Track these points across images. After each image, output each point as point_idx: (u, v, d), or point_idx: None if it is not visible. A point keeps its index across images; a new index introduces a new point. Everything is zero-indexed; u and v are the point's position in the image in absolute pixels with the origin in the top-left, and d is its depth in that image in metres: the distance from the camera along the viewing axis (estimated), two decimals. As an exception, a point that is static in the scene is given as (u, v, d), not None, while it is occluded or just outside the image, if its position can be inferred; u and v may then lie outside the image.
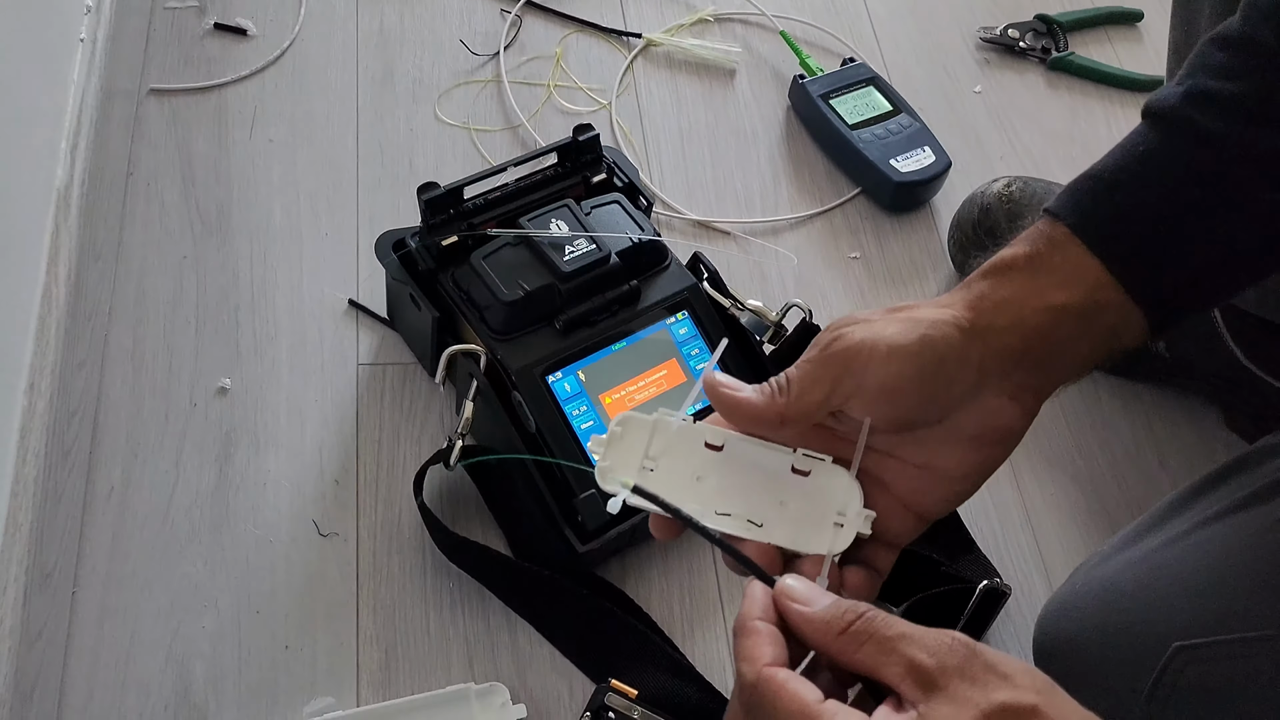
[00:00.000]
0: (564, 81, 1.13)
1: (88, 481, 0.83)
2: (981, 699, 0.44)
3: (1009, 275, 0.55)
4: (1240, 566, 0.63)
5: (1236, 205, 0.56)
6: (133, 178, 0.99)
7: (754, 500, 0.55)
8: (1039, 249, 0.56)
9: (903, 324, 0.54)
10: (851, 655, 0.47)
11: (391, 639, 0.79)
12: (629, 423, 0.57)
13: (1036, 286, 0.55)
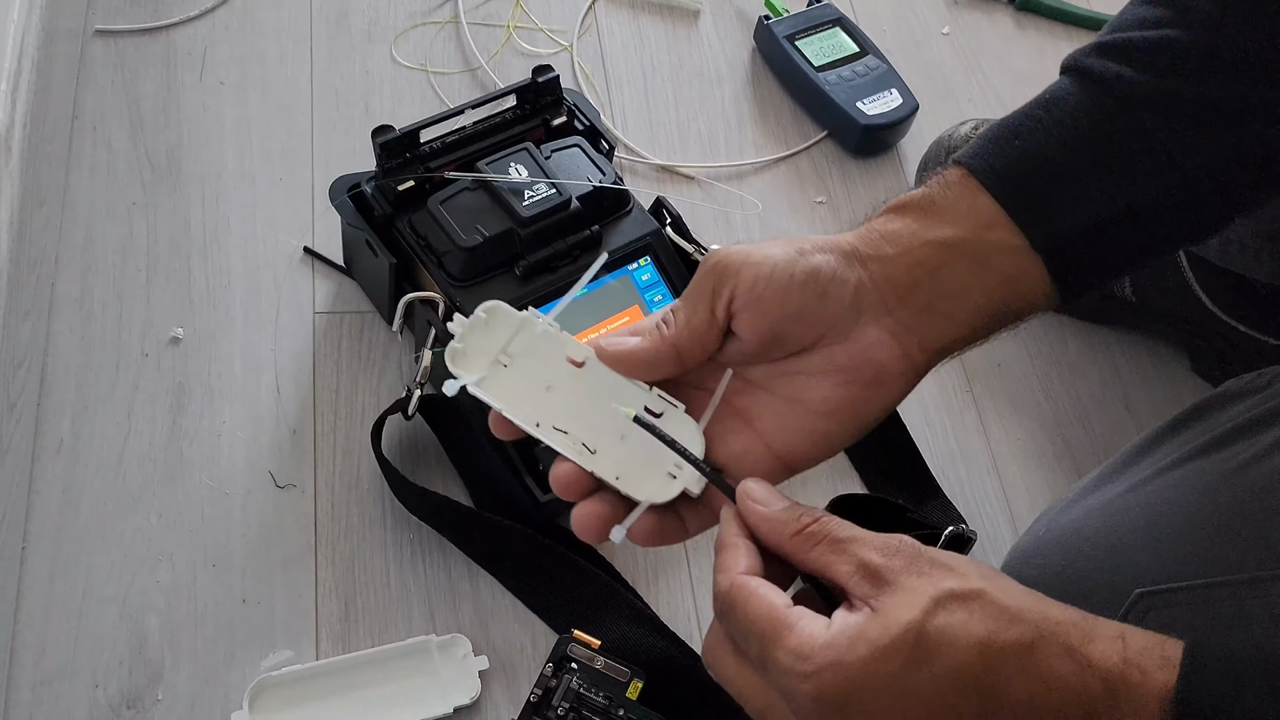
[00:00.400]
0: (524, 23, 1.10)
1: (36, 434, 0.81)
2: (930, 588, 0.46)
3: (902, 212, 0.55)
4: (1202, 512, 0.63)
5: (1146, 152, 0.55)
6: (78, 121, 0.96)
7: (596, 426, 0.55)
8: (932, 189, 0.55)
9: (784, 245, 0.53)
10: (805, 555, 0.49)
11: (351, 591, 0.78)
12: (496, 313, 0.57)
13: (927, 222, 0.54)
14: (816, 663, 0.45)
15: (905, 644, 0.45)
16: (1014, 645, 0.45)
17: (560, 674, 0.72)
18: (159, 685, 0.73)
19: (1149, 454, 0.69)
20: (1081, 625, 0.47)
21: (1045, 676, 0.45)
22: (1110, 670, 0.45)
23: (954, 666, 0.45)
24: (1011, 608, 0.46)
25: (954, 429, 0.93)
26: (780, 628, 0.47)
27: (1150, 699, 0.45)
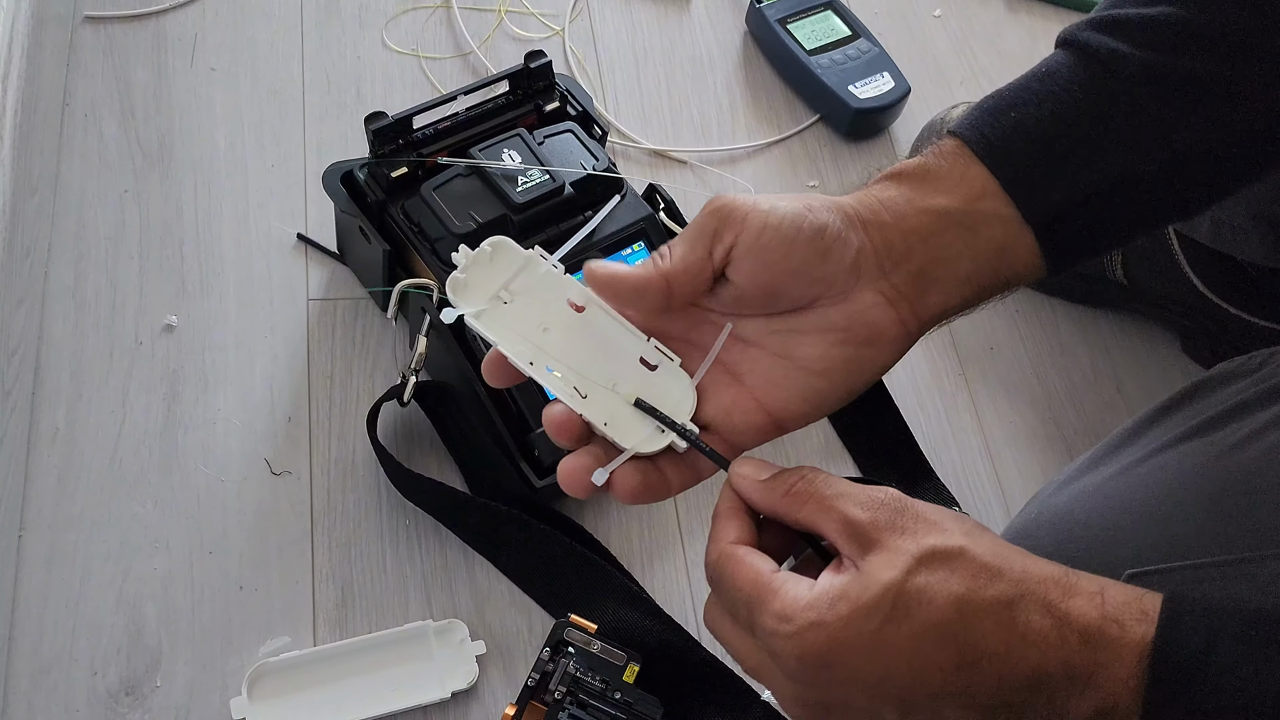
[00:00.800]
0: (515, 6, 1.10)
1: (31, 423, 0.81)
2: (912, 546, 0.47)
3: (898, 180, 0.55)
4: (1192, 493, 0.63)
5: (1137, 127, 0.55)
6: (69, 108, 0.96)
7: (589, 371, 0.55)
8: (927, 158, 0.55)
9: (792, 199, 0.53)
10: (796, 514, 0.50)
11: (348, 577, 0.79)
12: (501, 248, 0.57)
13: (922, 190, 0.54)
14: (798, 623, 0.47)
15: (885, 602, 0.46)
16: (993, 601, 0.47)
17: (557, 658, 0.73)
18: (157, 672, 0.74)
19: (1141, 436, 0.70)
20: (1063, 581, 0.48)
21: (1023, 631, 0.46)
22: (1088, 625, 0.46)
23: (931, 622, 0.46)
24: (992, 564, 0.47)
25: (946, 411, 0.93)
26: (764, 592, 0.48)
27: (1127, 652, 0.46)
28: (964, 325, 0.98)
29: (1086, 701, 0.46)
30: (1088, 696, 0.46)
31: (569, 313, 0.56)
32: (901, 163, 0.56)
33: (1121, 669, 0.46)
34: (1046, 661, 0.46)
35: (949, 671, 0.46)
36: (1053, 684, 0.46)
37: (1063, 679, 0.46)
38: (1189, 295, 0.91)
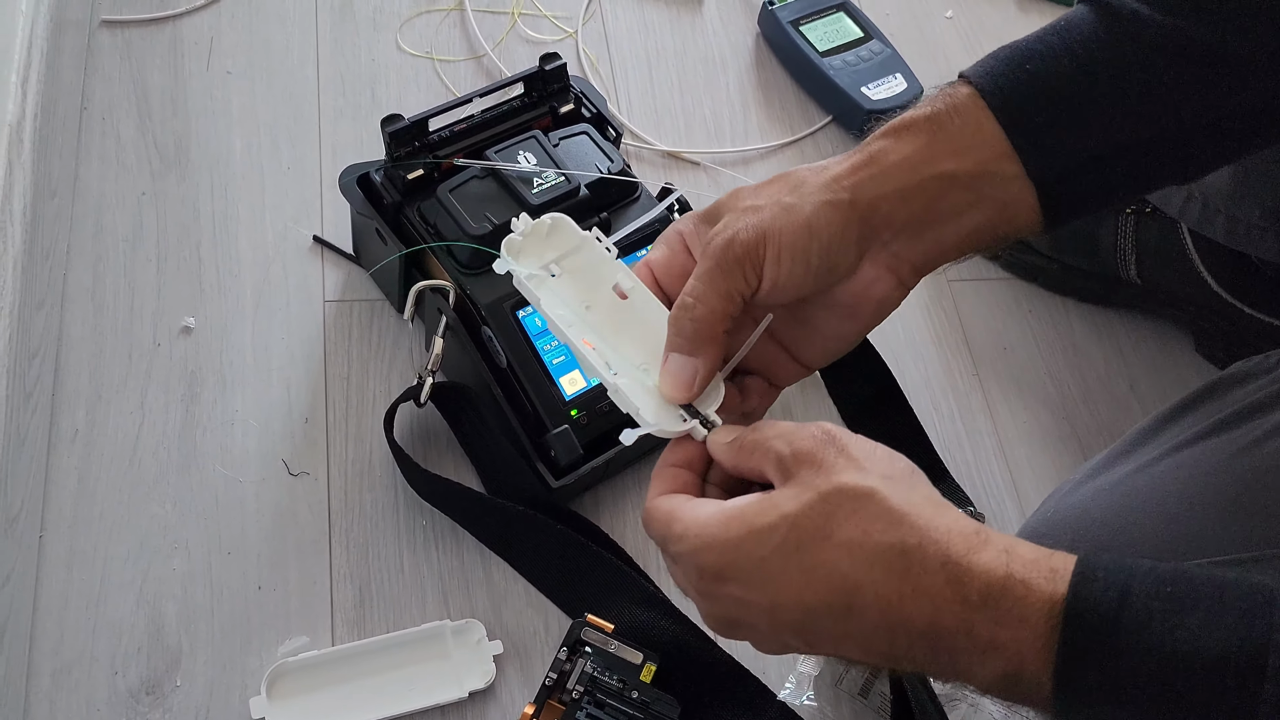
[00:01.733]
0: (529, 9, 1.10)
1: (51, 424, 0.81)
2: (822, 482, 0.48)
3: (906, 135, 0.55)
4: (1210, 491, 0.63)
5: (1150, 92, 0.55)
6: (87, 112, 0.96)
7: (623, 350, 0.57)
8: (939, 109, 0.55)
9: (788, 213, 0.54)
10: (746, 464, 0.51)
11: (365, 577, 0.79)
12: (560, 225, 0.59)
13: (931, 151, 0.54)
14: (692, 539, 0.49)
15: (777, 532, 0.47)
16: (886, 547, 0.46)
17: (574, 657, 0.73)
18: (177, 671, 0.74)
19: (1157, 435, 0.70)
20: (971, 538, 0.47)
21: (915, 582, 0.46)
22: (991, 583, 0.45)
23: (820, 560, 0.47)
24: (897, 510, 0.47)
25: (960, 411, 0.93)
26: (670, 517, 0.51)
27: (1033, 610, 0.45)
28: (977, 325, 0.98)
29: (991, 664, 0.46)
30: (991, 660, 0.46)
31: (613, 296, 0.58)
32: (910, 113, 0.56)
33: (1026, 630, 0.45)
34: (942, 617, 0.46)
35: (839, 613, 0.47)
36: (951, 641, 0.46)
37: (963, 639, 0.46)
38: (1203, 294, 0.91)
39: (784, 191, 0.55)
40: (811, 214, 0.54)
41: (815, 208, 0.54)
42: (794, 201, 0.54)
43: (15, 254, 0.85)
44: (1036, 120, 0.54)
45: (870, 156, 0.55)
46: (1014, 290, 1.00)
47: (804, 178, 0.55)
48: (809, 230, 0.54)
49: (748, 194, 0.56)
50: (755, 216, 0.54)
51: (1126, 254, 0.93)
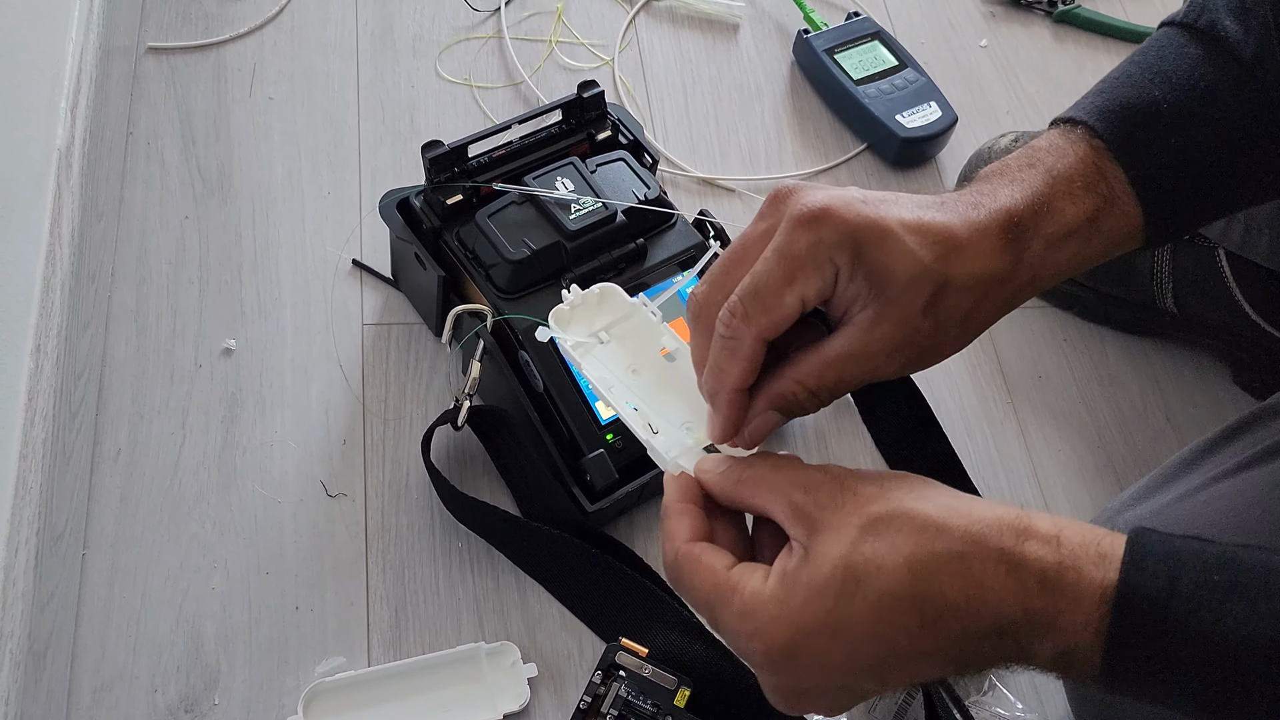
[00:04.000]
0: (566, 37, 1.12)
1: (94, 443, 0.83)
2: (855, 518, 0.48)
3: (1066, 242, 0.55)
4: (1253, 521, 0.63)
5: (1269, 157, 0.57)
6: (132, 137, 0.98)
7: (666, 412, 0.58)
8: (1099, 212, 0.55)
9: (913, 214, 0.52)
10: (750, 503, 0.52)
11: (401, 599, 0.80)
12: (610, 294, 0.61)
13: (1087, 254, 0.56)
14: (759, 619, 0.48)
15: (835, 579, 0.47)
16: (944, 555, 0.47)
17: (609, 681, 0.73)
18: (215, 690, 0.75)
19: (1198, 465, 0.70)
20: (1014, 524, 0.48)
21: (979, 581, 0.47)
22: (1045, 570, 0.47)
23: (886, 588, 0.47)
24: (937, 519, 0.48)
25: (995, 439, 0.93)
26: (724, 592, 0.50)
27: (1086, 596, 0.46)
28: (1012, 353, 0.98)
29: (1049, 644, 0.47)
30: (1049, 639, 0.47)
31: (659, 358, 0.59)
32: (1070, 211, 0.55)
33: (1080, 613, 0.46)
34: (1006, 609, 0.46)
35: (914, 632, 0.47)
36: (1016, 629, 0.47)
37: (1024, 624, 0.47)
38: (1241, 323, 0.91)
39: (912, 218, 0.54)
40: (946, 266, 0.53)
41: (949, 249, 0.53)
42: (944, 251, 0.53)
43: (63, 276, 0.87)
44: (1172, 198, 0.57)
45: (1034, 256, 0.55)
46: (1049, 319, 1.00)
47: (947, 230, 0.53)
48: (941, 261, 0.53)
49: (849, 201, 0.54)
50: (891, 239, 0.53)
51: (1163, 282, 0.93)
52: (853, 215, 0.50)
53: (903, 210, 0.52)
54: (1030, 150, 0.56)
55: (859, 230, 0.50)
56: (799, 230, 0.50)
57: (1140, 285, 0.94)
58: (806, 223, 0.50)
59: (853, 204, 0.51)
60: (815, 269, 0.51)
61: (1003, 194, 0.54)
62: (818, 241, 0.50)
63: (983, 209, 0.53)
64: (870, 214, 0.50)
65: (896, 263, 0.50)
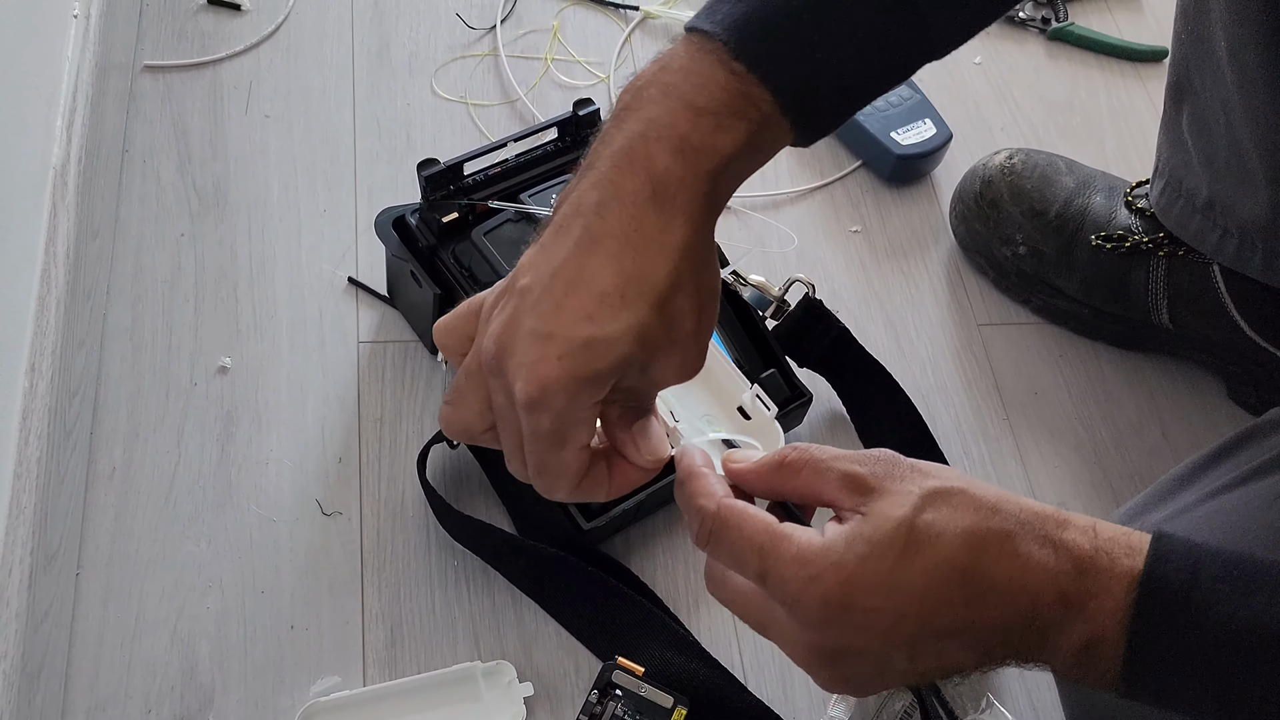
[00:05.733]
0: (561, 55, 1.12)
1: (89, 462, 0.83)
2: (915, 488, 0.49)
3: (726, 170, 0.53)
4: (1250, 536, 0.63)
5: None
6: (128, 154, 0.98)
7: (689, 402, 0.57)
8: (752, 136, 0.53)
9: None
10: (793, 485, 0.51)
11: (397, 617, 0.79)
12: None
13: (743, 173, 0.54)
14: (818, 566, 0.48)
15: (899, 539, 0.47)
16: (996, 533, 0.48)
17: (605, 700, 0.73)
18: (210, 710, 0.74)
19: (1194, 481, 0.70)
20: (1056, 517, 0.49)
21: (1025, 560, 0.48)
22: (1081, 555, 0.48)
23: (943, 557, 0.47)
24: (991, 500, 0.49)
25: (991, 456, 0.93)
26: (778, 539, 0.49)
27: (1115, 582, 0.47)
28: (1008, 370, 0.98)
29: (1076, 632, 0.47)
30: (1078, 627, 0.47)
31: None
32: (725, 142, 0.52)
33: (1110, 600, 0.47)
34: (1044, 591, 0.47)
35: (958, 606, 0.47)
36: (1047, 614, 0.47)
37: (1057, 608, 0.47)
38: (1236, 339, 0.91)
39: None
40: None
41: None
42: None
43: (58, 294, 0.87)
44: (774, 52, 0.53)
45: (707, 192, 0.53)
46: (1044, 335, 1.00)
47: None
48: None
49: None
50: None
51: (1158, 298, 0.93)
52: (569, 378, 0.49)
53: (576, 322, 0.50)
54: (663, 72, 0.53)
55: (580, 375, 0.50)
56: (534, 414, 0.50)
57: (1135, 301, 0.94)
58: (535, 406, 0.50)
59: (561, 368, 0.50)
60: (575, 428, 0.51)
61: (640, 149, 0.52)
62: (556, 414, 0.50)
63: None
64: (570, 362, 0.50)
65: (617, 357, 0.50)
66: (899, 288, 1.02)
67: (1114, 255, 0.94)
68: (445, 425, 0.56)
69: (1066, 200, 0.96)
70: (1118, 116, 1.17)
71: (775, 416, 0.58)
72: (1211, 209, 0.86)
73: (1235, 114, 0.80)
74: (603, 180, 0.52)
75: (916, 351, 0.98)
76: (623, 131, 0.52)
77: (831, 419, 0.93)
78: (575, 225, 0.51)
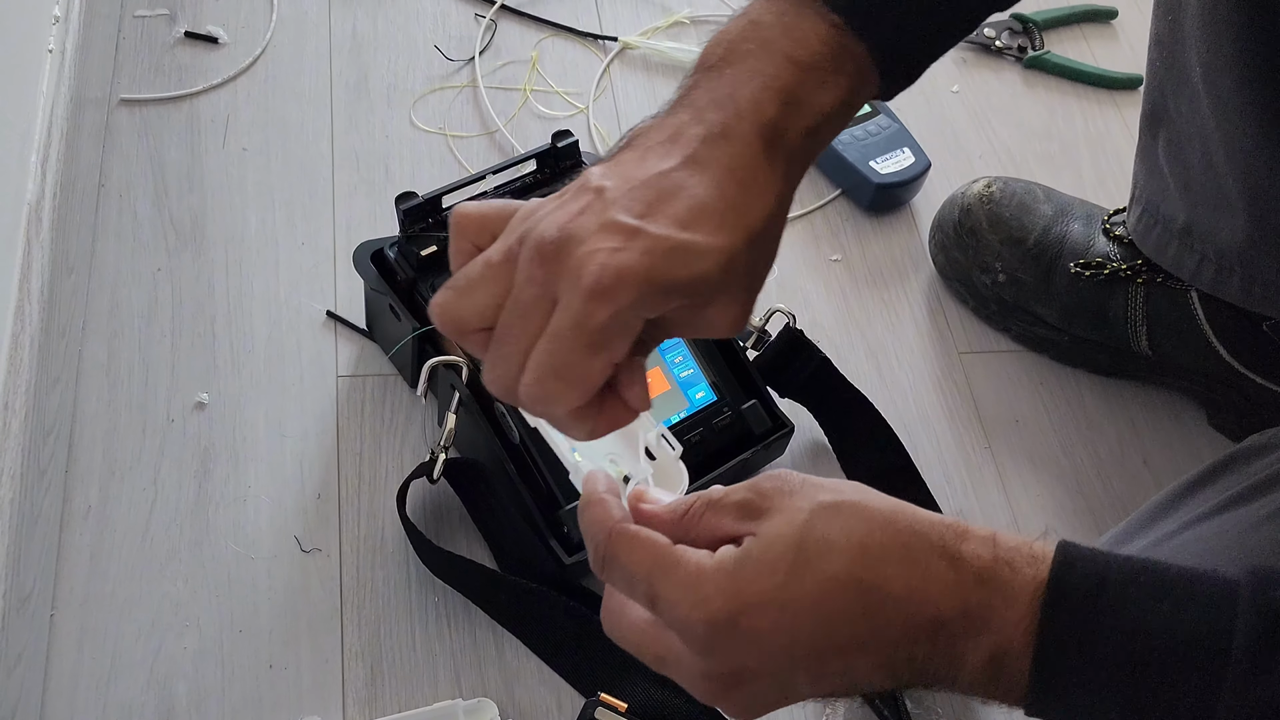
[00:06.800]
0: (540, 86, 1.12)
1: (64, 501, 0.82)
2: (806, 502, 0.48)
3: (820, 131, 0.53)
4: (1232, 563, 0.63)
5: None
6: (104, 189, 0.98)
7: (591, 442, 0.55)
8: (851, 93, 0.54)
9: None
10: (698, 530, 0.50)
11: (377, 655, 0.79)
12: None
13: (835, 133, 0.55)
14: (706, 588, 0.47)
15: (788, 555, 0.47)
16: (892, 544, 0.47)
17: (588, 737, 0.72)
18: (187, 752, 0.73)
19: (1175, 509, 0.70)
20: (955, 527, 0.48)
21: (924, 571, 0.47)
22: (982, 565, 0.47)
23: (836, 569, 0.47)
24: (886, 512, 0.48)
25: (973, 485, 0.93)
26: (666, 563, 0.48)
27: (1019, 592, 0.47)
28: (989, 398, 0.98)
29: (982, 645, 0.47)
30: (983, 640, 0.47)
31: None
32: (825, 100, 0.52)
33: (1014, 610, 0.46)
34: (945, 603, 0.47)
35: (856, 619, 0.47)
36: (951, 627, 0.47)
37: (960, 620, 0.47)
38: (1215, 366, 0.92)
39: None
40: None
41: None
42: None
43: (32, 332, 0.86)
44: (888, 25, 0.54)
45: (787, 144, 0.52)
46: (1024, 363, 1.00)
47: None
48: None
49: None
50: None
51: (1137, 325, 0.94)
52: (646, 277, 0.46)
53: (670, 225, 0.48)
54: (756, 27, 0.52)
55: (657, 279, 0.47)
56: (594, 303, 0.46)
57: (1115, 329, 0.95)
58: (601, 295, 0.46)
59: (642, 263, 0.46)
60: (622, 335, 0.47)
61: (747, 97, 0.51)
62: (618, 311, 0.46)
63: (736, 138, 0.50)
64: (653, 260, 0.46)
65: (700, 273, 0.48)
66: (879, 316, 1.02)
67: (1093, 282, 0.94)
68: (441, 312, 0.50)
69: (1045, 228, 0.97)
70: (1094, 144, 1.17)
71: (679, 457, 0.56)
72: (1189, 235, 0.87)
73: (1211, 140, 0.80)
74: (706, 118, 0.50)
75: (898, 380, 0.98)
76: (723, 80, 0.51)
77: (814, 449, 0.92)
78: (675, 149, 0.50)
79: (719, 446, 0.84)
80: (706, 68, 0.53)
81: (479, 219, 0.51)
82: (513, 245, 0.49)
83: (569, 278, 0.46)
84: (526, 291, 0.48)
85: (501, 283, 0.49)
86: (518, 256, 0.48)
